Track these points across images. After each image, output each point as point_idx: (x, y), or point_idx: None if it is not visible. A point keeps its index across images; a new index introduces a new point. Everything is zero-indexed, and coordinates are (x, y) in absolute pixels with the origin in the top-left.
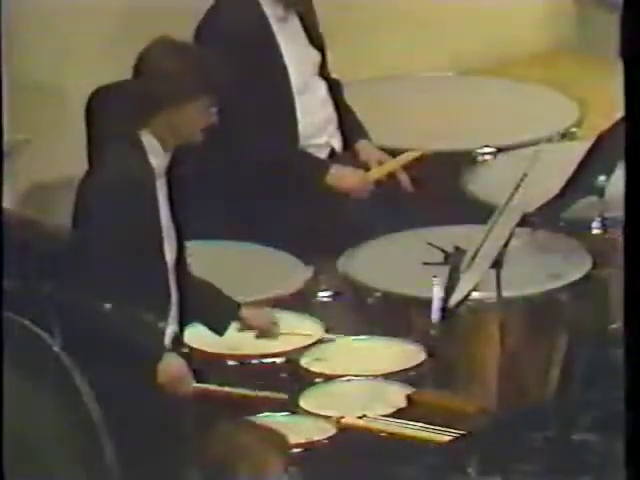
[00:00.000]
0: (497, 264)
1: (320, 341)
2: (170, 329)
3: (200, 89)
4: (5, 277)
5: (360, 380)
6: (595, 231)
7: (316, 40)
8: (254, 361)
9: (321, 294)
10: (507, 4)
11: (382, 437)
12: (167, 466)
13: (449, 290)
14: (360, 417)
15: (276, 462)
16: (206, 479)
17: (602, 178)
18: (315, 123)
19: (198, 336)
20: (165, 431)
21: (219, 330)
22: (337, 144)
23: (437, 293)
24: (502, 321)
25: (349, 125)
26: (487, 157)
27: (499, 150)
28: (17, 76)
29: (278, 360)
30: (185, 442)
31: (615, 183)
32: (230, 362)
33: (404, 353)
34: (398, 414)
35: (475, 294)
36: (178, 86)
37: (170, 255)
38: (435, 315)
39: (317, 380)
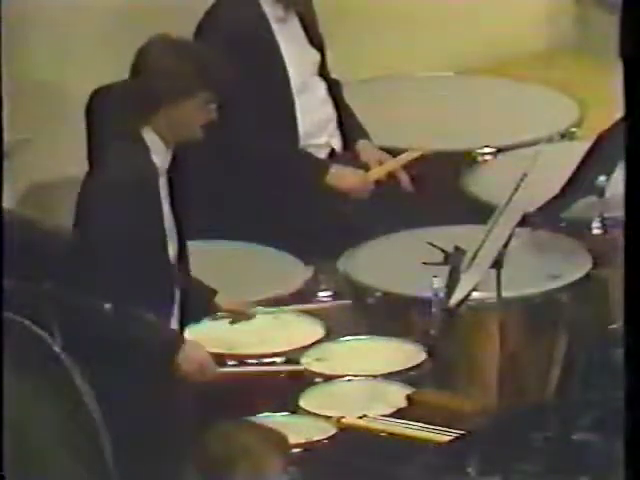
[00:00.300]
0: (497, 264)
1: (320, 341)
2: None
3: (198, 85)
4: (5, 277)
5: (360, 380)
6: (595, 231)
7: (316, 40)
8: (254, 361)
9: (321, 294)
10: (507, 4)
11: (382, 437)
12: (167, 466)
13: (449, 290)
14: (360, 417)
15: (276, 462)
16: (205, 479)
17: (602, 178)
18: (315, 123)
19: (198, 336)
20: (165, 431)
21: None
22: (337, 144)
23: (437, 293)
24: (502, 321)
25: (349, 125)
26: (487, 157)
27: (499, 150)
28: (17, 76)
29: (278, 360)
30: (185, 442)
31: (615, 183)
32: (230, 362)
33: (404, 353)
34: (398, 414)
35: (475, 294)
36: (176, 82)
37: (172, 254)
38: (435, 315)
39: (317, 380)
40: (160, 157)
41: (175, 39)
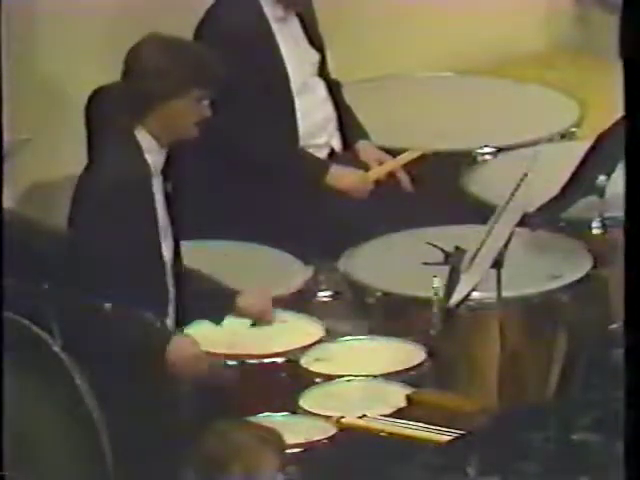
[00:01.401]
0: (497, 264)
1: (320, 341)
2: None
3: (190, 83)
4: (5, 277)
5: (360, 380)
6: (595, 231)
7: (316, 40)
8: (254, 361)
9: (321, 294)
10: (507, 4)
11: (382, 437)
12: (166, 466)
13: (449, 290)
14: (360, 417)
15: (271, 461)
16: (201, 478)
17: (602, 178)
18: (315, 123)
19: (197, 336)
20: (164, 431)
21: (216, 320)
22: (337, 144)
23: (437, 293)
24: (502, 321)
25: (349, 125)
26: (487, 157)
27: (499, 150)
28: (17, 76)
29: (278, 360)
30: (184, 442)
31: (615, 183)
32: (230, 362)
33: (404, 353)
34: (398, 414)
35: (475, 294)
36: (167, 82)
37: (167, 253)
38: (435, 315)
39: (317, 380)
40: (154, 157)
41: (166, 38)
